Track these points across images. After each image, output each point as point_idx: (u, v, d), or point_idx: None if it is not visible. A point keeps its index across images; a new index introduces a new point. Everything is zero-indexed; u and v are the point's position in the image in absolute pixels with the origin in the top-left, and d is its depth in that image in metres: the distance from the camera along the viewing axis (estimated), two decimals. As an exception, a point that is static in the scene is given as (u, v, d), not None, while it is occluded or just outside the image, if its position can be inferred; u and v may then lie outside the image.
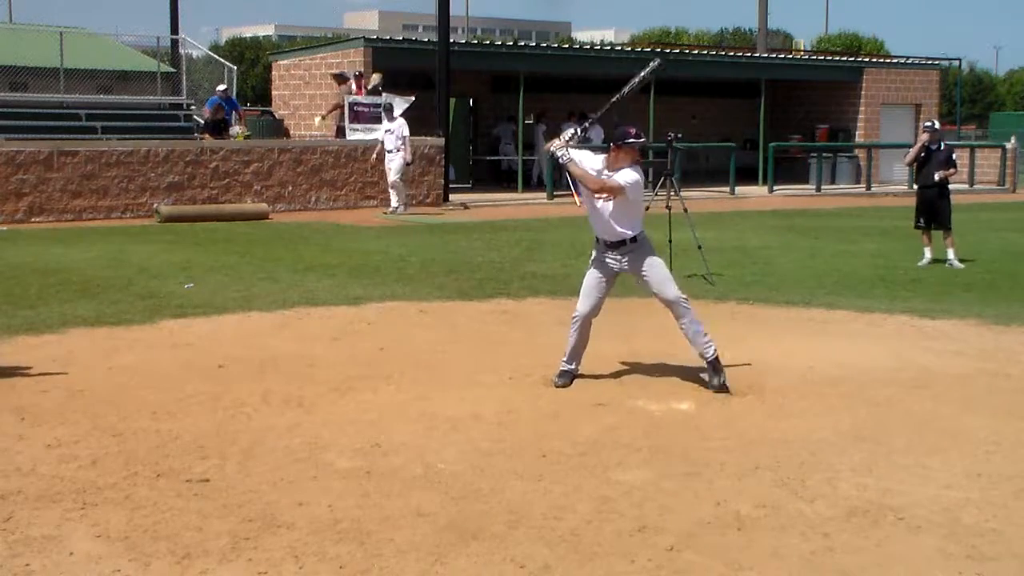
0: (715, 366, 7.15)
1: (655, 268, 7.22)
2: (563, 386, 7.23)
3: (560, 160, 7.10)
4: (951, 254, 13.56)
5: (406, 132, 20.21)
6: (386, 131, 20.40)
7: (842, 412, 6.69)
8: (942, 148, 13.83)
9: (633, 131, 7.13)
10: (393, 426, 6.30)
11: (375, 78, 23.44)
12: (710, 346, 7.16)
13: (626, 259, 7.20)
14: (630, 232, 7.16)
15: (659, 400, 6.93)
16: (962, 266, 13.39)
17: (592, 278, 7.33)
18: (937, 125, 14.34)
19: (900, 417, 6.60)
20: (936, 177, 13.61)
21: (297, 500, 5.05)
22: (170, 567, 4.31)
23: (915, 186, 14.99)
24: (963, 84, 47.14)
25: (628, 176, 7.04)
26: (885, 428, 6.34)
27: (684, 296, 7.23)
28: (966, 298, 11.07)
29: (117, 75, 24.82)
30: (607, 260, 7.26)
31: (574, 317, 7.35)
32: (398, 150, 20.01)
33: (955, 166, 13.96)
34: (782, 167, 29.07)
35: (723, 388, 7.09)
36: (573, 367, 7.36)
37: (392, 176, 20.25)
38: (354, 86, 23.39)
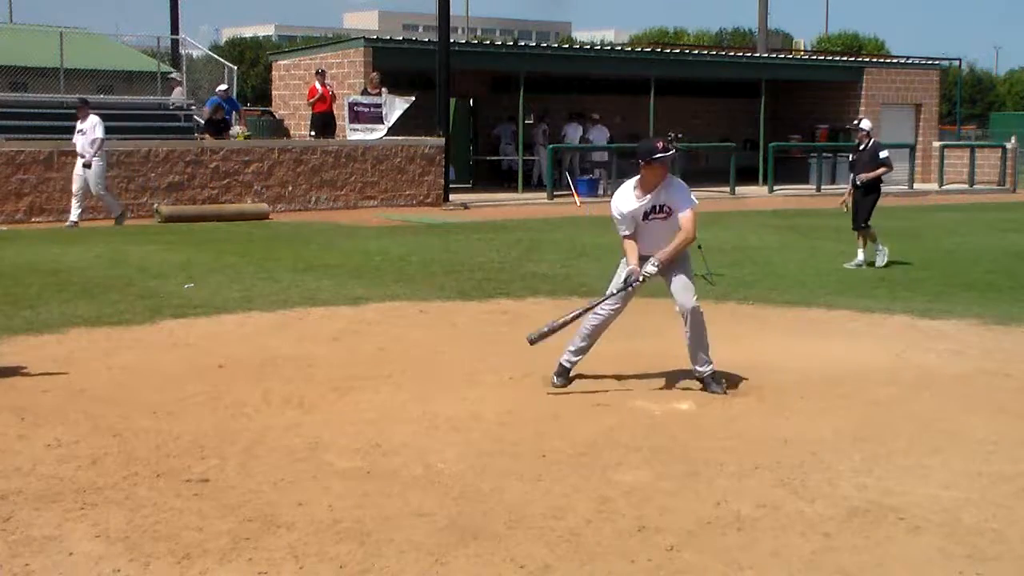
0: (713, 378, 7.15)
1: (682, 272, 7.20)
2: (562, 386, 7.23)
3: (658, 268, 7.00)
4: (859, 255, 13.38)
5: (99, 133, 17.62)
6: (79, 131, 17.78)
7: (842, 412, 6.69)
8: (867, 148, 13.57)
9: (661, 145, 6.97)
10: (393, 426, 6.29)
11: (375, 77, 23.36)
12: (708, 365, 7.15)
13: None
14: None
15: (659, 400, 6.93)
16: (852, 267, 13.20)
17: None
18: (864, 124, 13.87)
19: (900, 417, 6.59)
20: (857, 180, 13.51)
21: (297, 500, 5.05)
22: (170, 567, 4.31)
23: None
24: (963, 84, 47.15)
25: (689, 198, 7.08)
26: (885, 428, 6.34)
27: (700, 309, 7.20)
28: (966, 298, 11.07)
29: (117, 75, 24.80)
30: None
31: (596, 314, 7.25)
32: (88, 154, 17.56)
33: (885, 164, 13.52)
34: (782, 167, 29.07)
35: (724, 392, 7.10)
36: (577, 360, 7.31)
37: (93, 185, 17.64)
38: (317, 84, 23.30)
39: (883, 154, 13.63)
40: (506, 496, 5.13)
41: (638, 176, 7.10)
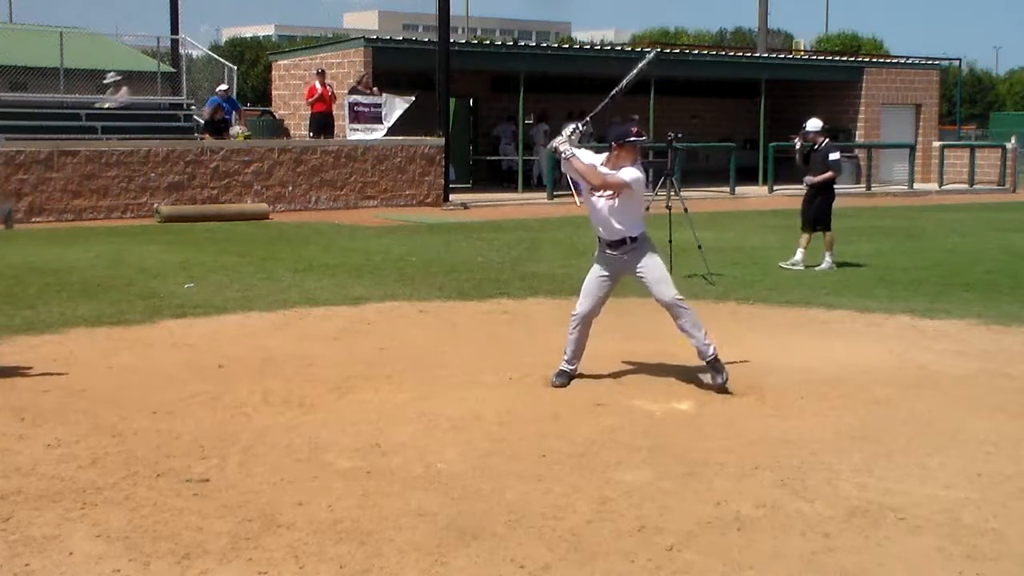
0: (715, 365, 7.14)
1: (652, 268, 7.19)
2: (561, 386, 7.23)
3: (564, 156, 7.04)
4: (827, 257, 13.22)
5: None
6: None
7: (842, 412, 6.69)
8: (818, 150, 13.38)
9: (635, 129, 7.16)
10: (393, 426, 6.29)
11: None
12: (709, 346, 7.15)
13: (626, 257, 7.20)
14: (630, 232, 7.15)
15: (659, 400, 6.92)
16: (825, 268, 13.04)
17: (593, 278, 7.32)
18: (810, 127, 13.55)
19: (900, 417, 6.59)
20: (805, 181, 13.44)
21: (297, 500, 5.05)
22: (170, 567, 4.31)
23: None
24: (963, 84, 47.16)
25: (631, 172, 7.05)
26: (885, 428, 6.34)
27: (680, 297, 7.21)
28: (966, 298, 11.07)
29: (117, 75, 24.75)
30: (607, 259, 7.25)
31: (573, 316, 7.34)
32: None
33: (833, 168, 13.30)
34: (782, 167, 29.06)
35: (723, 388, 7.09)
36: (573, 368, 7.36)
37: None
38: (317, 84, 23.31)
39: (832, 156, 13.38)
40: (506, 496, 5.13)
41: (607, 153, 7.19)
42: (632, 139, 7.10)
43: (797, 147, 13.85)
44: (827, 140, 13.66)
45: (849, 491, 5.24)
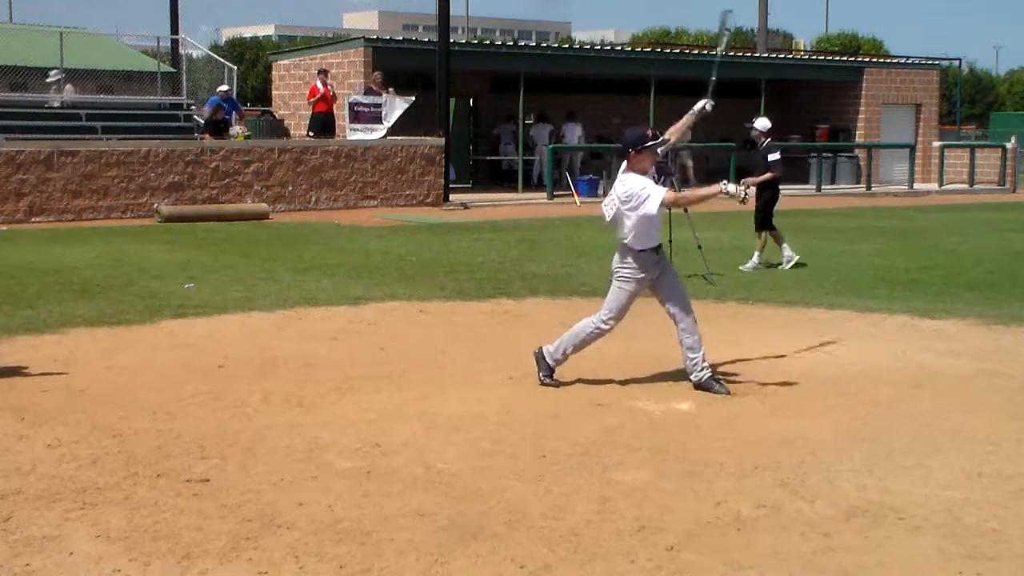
0: (711, 382, 7.12)
1: (680, 281, 7.31)
2: (550, 377, 7.23)
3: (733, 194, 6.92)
4: (755, 257, 13.32)
5: None
6: None
7: (842, 412, 6.69)
8: (762, 148, 13.39)
9: (650, 133, 7.02)
10: (393, 426, 6.29)
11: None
12: (705, 370, 7.13)
13: (663, 261, 7.24)
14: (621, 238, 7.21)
15: (659, 400, 6.93)
16: (748, 269, 13.09)
17: (635, 293, 7.17)
18: (758, 124, 13.47)
19: (900, 417, 6.59)
20: (741, 182, 13.42)
21: (297, 500, 5.05)
22: (170, 567, 4.31)
23: None
24: (963, 84, 47.17)
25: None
26: (885, 428, 6.34)
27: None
28: (966, 298, 11.07)
29: (117, 75, 24.77)
30: (653, 267, 7.15)
31: (605, 330, 7.22)
32: None
33: (771, 168, 13.31)
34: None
35: (726, 391, 7.10)
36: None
37: None
38: (318, 84, 23.32)
39: (771, 157, 13.36)
40: (506, 496, 5.13)
41: (624, 166, 7.11)
42: (649, 144, 6.97)
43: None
44: (769, 140, 13.63)
45: (849, 491, 5.24)
